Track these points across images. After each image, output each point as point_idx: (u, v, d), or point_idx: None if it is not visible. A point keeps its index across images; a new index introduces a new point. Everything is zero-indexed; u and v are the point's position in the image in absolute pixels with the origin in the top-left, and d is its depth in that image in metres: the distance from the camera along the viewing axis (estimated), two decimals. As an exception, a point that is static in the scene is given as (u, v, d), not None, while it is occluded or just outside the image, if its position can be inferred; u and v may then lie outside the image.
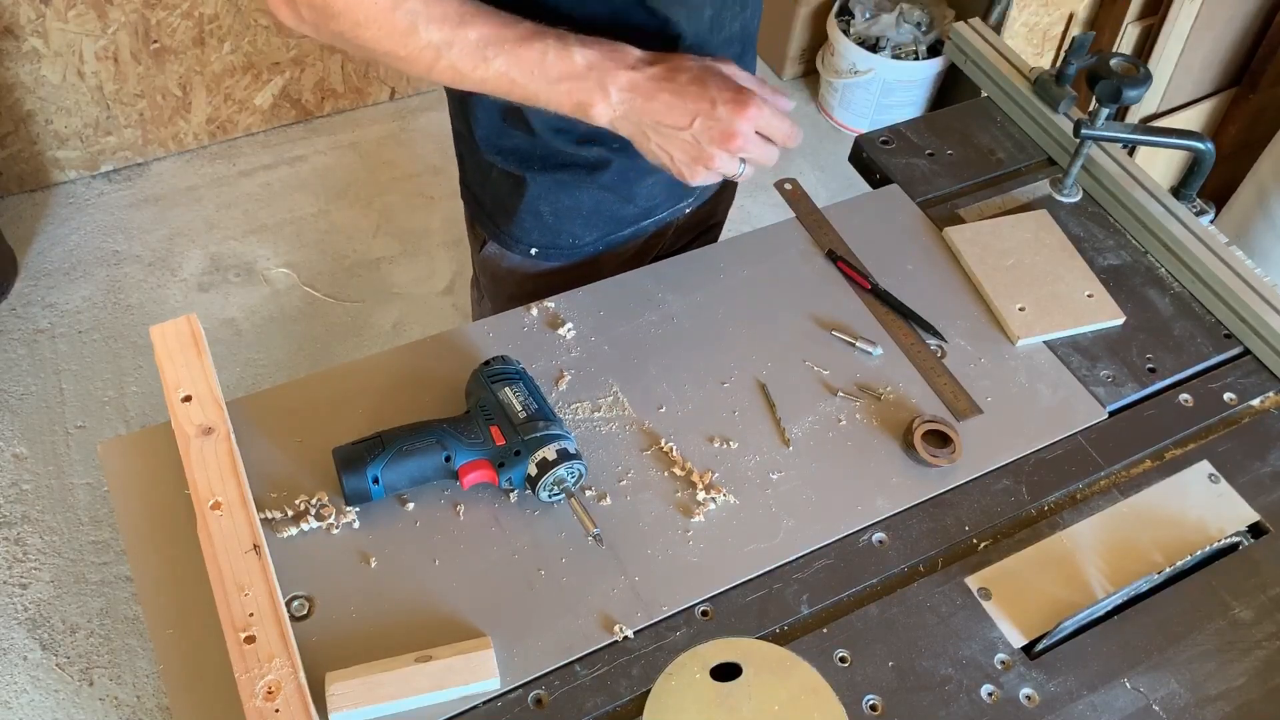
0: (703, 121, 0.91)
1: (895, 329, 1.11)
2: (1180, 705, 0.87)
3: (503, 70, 0.90)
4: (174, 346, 0.97)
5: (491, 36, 0.89)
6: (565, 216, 1.15)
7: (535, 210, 1.14)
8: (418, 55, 0.89)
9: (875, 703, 0.86)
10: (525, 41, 0.89)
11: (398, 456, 0.91)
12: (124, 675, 1.87)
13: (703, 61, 0.93)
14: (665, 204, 1.20)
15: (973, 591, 0.93)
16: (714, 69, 0.93)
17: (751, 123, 0.92)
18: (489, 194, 1.17)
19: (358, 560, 0.91)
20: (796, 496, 0.97)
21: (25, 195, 2.53)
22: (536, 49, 0.89)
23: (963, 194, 1.27)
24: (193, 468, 0.91)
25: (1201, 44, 2.39)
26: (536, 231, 1.16)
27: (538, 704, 0.85)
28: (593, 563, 0.92)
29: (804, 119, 2.92)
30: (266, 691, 0.79)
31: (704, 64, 0.93)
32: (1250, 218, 2.11)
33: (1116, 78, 1.14)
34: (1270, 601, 0.94)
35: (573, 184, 1.12)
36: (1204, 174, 1.20)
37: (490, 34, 0.89)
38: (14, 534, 2.01)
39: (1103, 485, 1.02)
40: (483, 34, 0.89)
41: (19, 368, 2.24)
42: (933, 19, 2.74)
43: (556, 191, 1.12)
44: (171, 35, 2.42)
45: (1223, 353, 1.13)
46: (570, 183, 1.12)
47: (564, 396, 1.03)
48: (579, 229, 1.16)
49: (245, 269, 2.45)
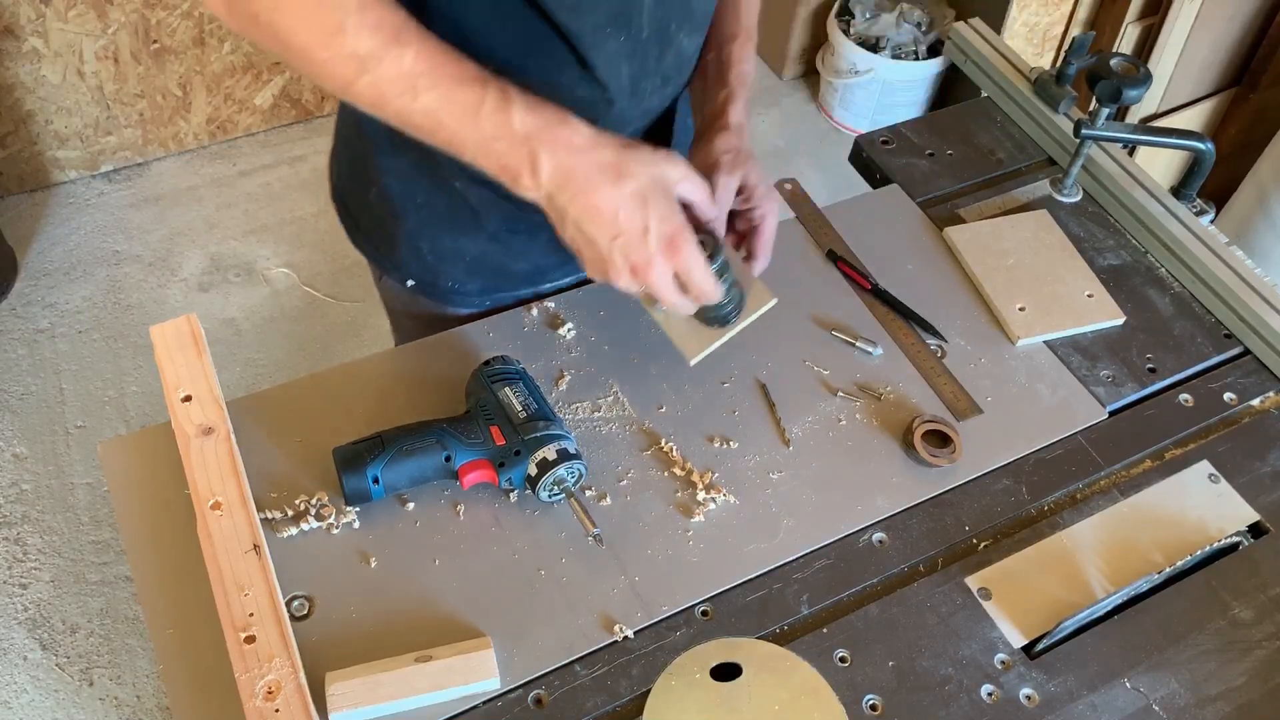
0: (625, 242, 0.83)
1: (895, 329, 1.11)
2: (1180, 705, 0.87)
3: (431, 108, 0.79)
4: (174, 346, 0.97)
5: (427, 65, 0.78)
6: (447, 259, 1.07)
7: (414, 246, 1.07)
8: (338, 63, 0.78)
9: (875, 703, 0.86)
10: (463, 84, 0.79)
11: (398, 456, 0.91)
12: (124, 675, 1.87)
13: (655, 172, 0.83)
14: (558, 270, 1.12)
15: (973, 591, 0.93)
16: (663, 188, 0.84)
17: (673, 269, 0.84)
18: (366, 213, 1.10)
19: (358, 560, 0.91)
20: (796, 496, 0.97)
21: (25, 195, 2.53)
22: (474, 94, 0.79)
23: (963, 194, 1.27)
24: (193, 468, 0.91)
25: (1201, 44, 2.39)
26: (415, 265, 1.09)
27: (538, 704, 0.85)
28: (593, 563, 0.92)
29: (804, 119, 2.92)
30: (266, 691, 0.79)
31: (655, 177, 0.83)
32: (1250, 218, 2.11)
33: (1116, 78, 1.14)
34: (1270, 601, 0.94)
35: (454, 227, 1.05)
36: (1204, 174, 1.20)
37: (426, 62, 0.78)
38: (14, 534, 2.01)
39: (1103, 485, 1.02)
40: (418, 58, 0.78)
41: (19, 368, 2.24)
42: (933, 19, 2.74)
43: (436, 230, 1.02)
44: (171, 35, 2.42)
45: (1223, 353, 1.13)
46: (451, 224, 1.04)
47: (564, 396, 1.03)
48: (461, 275, 1.08)
49: (245, 269, 2.45)
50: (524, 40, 0.89)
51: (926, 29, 2.74)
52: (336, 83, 0.80)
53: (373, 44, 0.77)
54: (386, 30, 0.77)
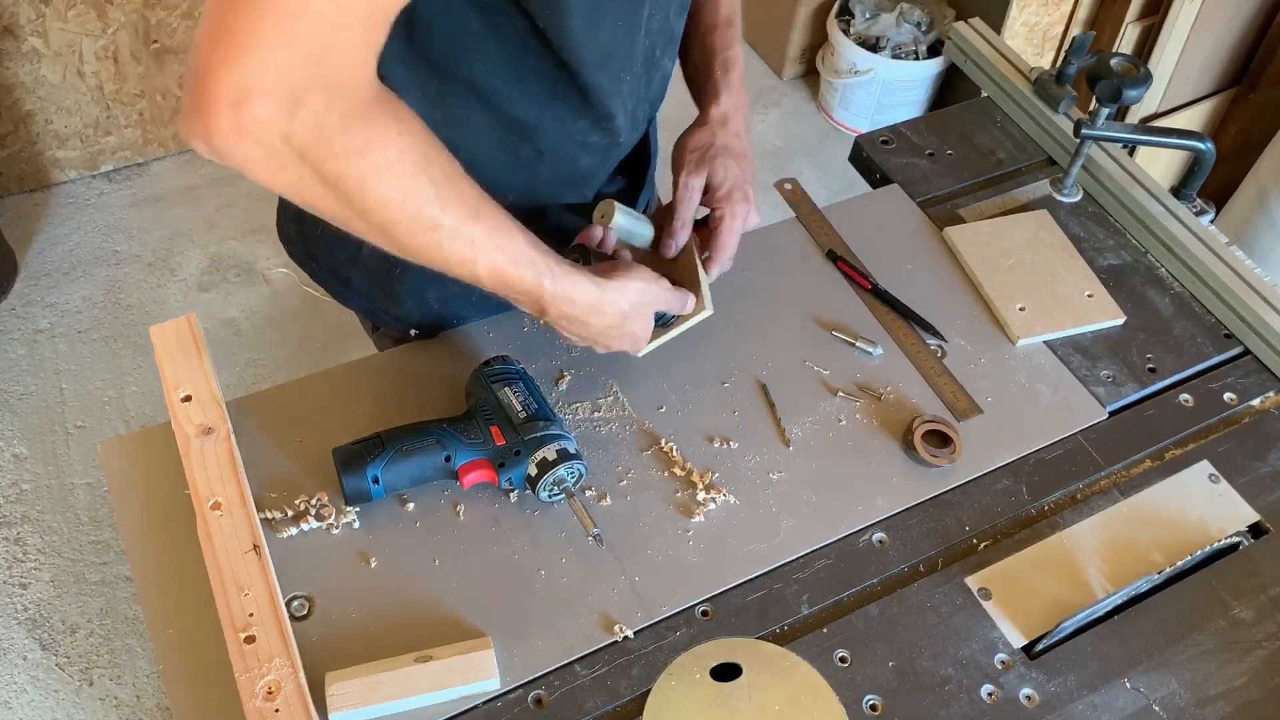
0: (607, 343, 0.93)
1: (895, 329, 1.11)
2: (1180, 705, 0.87)
3: (481, 276, 0.81)
4: (174, 346, 0.97)
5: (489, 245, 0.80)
6: (453, 303, 1.06)
7: (420, 297, 1.05)
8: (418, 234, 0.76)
9: (875, 703, 0.86)
10: (515, 265, 0.82)
11: (398, 456, 0.91)
12: (124, 675, 1.87)
13: (638, 300, 0.91)
14: None
15: (973, 591, 0.93)
16: (642, 313, 0.92)
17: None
18: (358, 271, 1.07)
19: (358, 560, 0.91)
20: (796, 496, 0.97)
21: (25, 195, 2.53)
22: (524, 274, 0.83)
23: (963, 194, 1.27)
24: (193, 468, 0.91)
25: (1201, 44, 2.39)
26: (419, 313, 1.07)
27: (538, 704, 0.85)
28: (593, 563, 0.92)
29: (804, 119, 2.92)
30: (266, 691, 0.79)
31: (637, 304, 0.91)
32: (1250, 218, 2.11)
33: (1116, 78, 1.14)
34: (1270, 601, 0.94)
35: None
36: (1204, 174, 1.20)
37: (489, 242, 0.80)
38: (14, 534, 2.01)
39: (1103, 485, 1.02)
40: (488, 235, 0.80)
41: (19, 368, 2.24)
42: (933, 19, 2.74)
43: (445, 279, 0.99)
44: (171, 35, 2.42)
45: (1223, 353, 1.13)
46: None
47: (564, 396, 1.03)
48: (468, 311, 1.08)
49: (245, 269, 2.45)
50: (546, 95, 0.90)
51: (926, 29, 2.74)
52: (414, 246, 0.78)
53: (453, 218, 0.77)
54: (469, 204, 0.78)
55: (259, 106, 0.63)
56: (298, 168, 0.67)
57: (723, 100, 1.01)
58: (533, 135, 0.93)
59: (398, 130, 0.71)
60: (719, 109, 1.01)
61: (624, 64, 0.91)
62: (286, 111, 0.64)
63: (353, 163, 0.69)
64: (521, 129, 0.92)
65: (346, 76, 0.66)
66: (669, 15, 0.95)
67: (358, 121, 0.68)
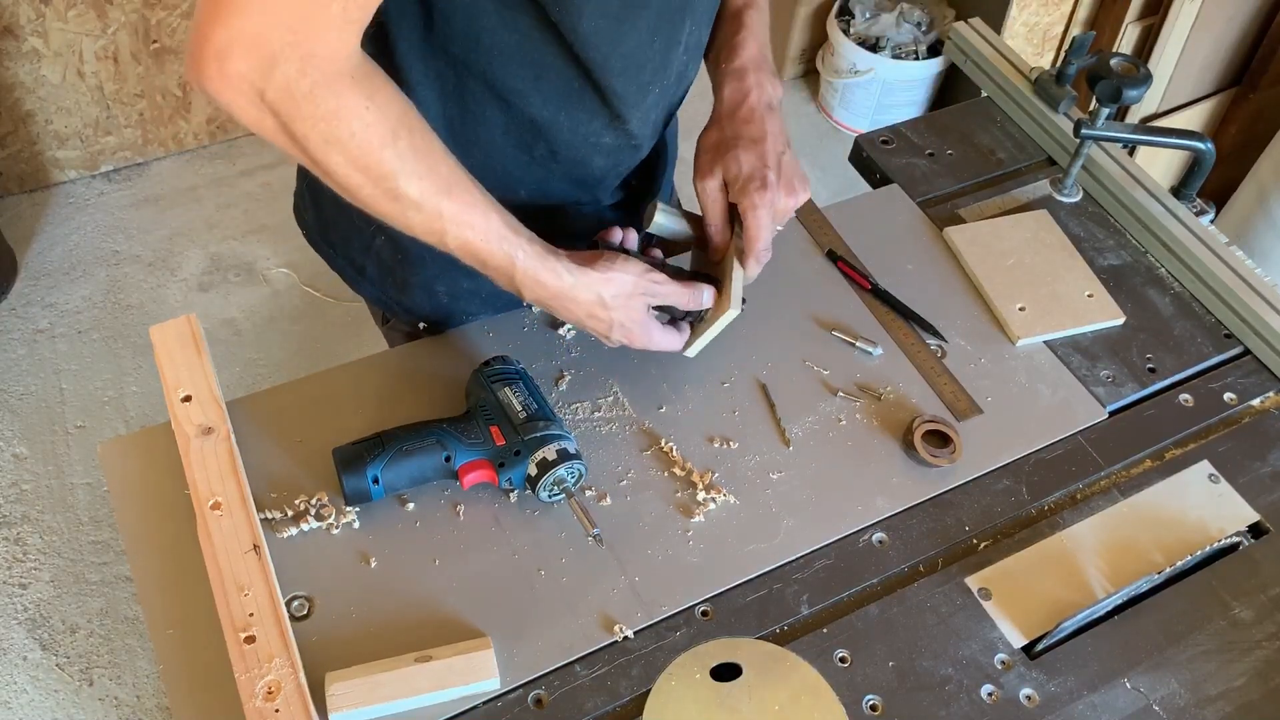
0: (602, 332, 0.95)
1: (895, 329, 1.11)
2: (1180, 705, 0.87)
3: (451, 248, 0.85)
4: (174, 346, 0.97)
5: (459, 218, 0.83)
6: (463, 298, 1.08)
7: (430, 290, 1.07)
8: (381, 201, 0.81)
9: (875, 703, 0.86)
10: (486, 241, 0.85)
11: (398, 456, 0.91)
12: (124, 675, 1.87)
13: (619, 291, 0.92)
14: None
15: (973, 591, 0.93)
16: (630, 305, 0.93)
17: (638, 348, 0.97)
18: (372, 260, 1.09)
19: (358, 560, 0.91)
20: (796, 496, 0.97)
21: (25, 195, 2.53)
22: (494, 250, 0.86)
23: (963, 194, 1.27)
24: (193, 468, 0.91)
25: (1201, 44, 2.39)
26: (428, 307, 1.09)
27: (538, 704, 0.85)
28: (593, 563, 0.92)
29: (804, 119, 2.92)
30: (266, 692, 0.79)
31: (618, 295, 0.92)
32: (1250, 218, 2.11)
33: (1116, 78, 1.14)
34: (1270, 601, 0.94)
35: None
36: (1204, 174, 1.20)
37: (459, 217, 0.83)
38: (14, 534, 2.01)
39: (1103, 485, 1.02)
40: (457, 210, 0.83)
41: (19, 368, 2.24)
42: (933, 19, 2.74)
43: (455, 274, 1.02)
44: (171, 35, 2.42)
45: (1223, 353, 1.13)
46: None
47: (564, 396, 1.03)
48: (476, 307, 1.09)
49: (245, 269, 2.45)
50: (561, 96, 0.91)
51: (926, 29, 2.74)
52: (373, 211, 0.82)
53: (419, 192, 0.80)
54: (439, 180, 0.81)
55: (238, 62, 0.70)
56: (271, 119, 0.74)
57: (725, 91, 1.01)
58: (547, 134, 0.94)
59: (366, 105, 0.75)
60: (723, 102, 1.01)
61: (655, 76, 0.93)
62: (261, 71, 0.70)
63: (318, 128, 0.74)
64: (536, 127, 0.93)
65: (321, 49, 0.71)
66: (702, 28, 0.97)
67: (326, 92, 0.73)
